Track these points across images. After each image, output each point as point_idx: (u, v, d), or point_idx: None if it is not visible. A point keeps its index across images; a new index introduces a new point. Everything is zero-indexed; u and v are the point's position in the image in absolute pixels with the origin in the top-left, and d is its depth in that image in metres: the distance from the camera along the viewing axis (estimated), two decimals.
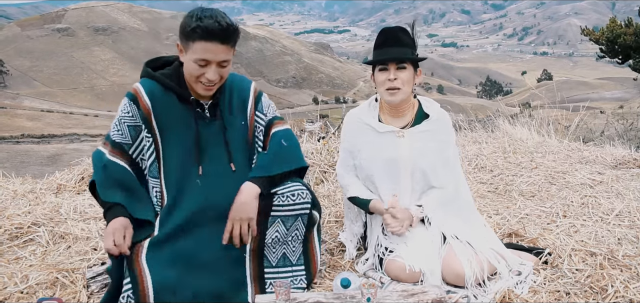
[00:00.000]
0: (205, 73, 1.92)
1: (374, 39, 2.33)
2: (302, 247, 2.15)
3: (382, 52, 2.25)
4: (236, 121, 2.11)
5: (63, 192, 3.61)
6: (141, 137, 2.03)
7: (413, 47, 2.27)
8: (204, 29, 1.84)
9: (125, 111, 2.02)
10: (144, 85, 2.03)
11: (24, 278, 2.33)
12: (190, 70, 1.94)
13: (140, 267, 1.89)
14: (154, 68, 2.09)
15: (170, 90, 2.02)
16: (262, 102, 2.19)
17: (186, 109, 2.04)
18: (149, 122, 2.02)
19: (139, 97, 2.01)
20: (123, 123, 2.02)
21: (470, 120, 6.49)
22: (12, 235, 2.84)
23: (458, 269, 2.14)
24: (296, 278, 2.14)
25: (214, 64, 1.91)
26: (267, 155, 2.12)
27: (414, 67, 2.28)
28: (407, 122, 2.35)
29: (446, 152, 2.34)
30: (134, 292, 1.88)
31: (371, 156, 2.34)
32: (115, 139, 2.03)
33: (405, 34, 2.26)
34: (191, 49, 1.89)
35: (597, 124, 8.02)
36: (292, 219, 2.08)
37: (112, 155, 2.02)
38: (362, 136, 2.37)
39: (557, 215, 2.96)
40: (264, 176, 2.03)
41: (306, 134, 4.42)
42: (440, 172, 2.32)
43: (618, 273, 2.22)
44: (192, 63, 1.91)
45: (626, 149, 4.60)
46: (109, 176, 2.01)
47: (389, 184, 2.33)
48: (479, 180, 3.70)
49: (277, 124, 2.20)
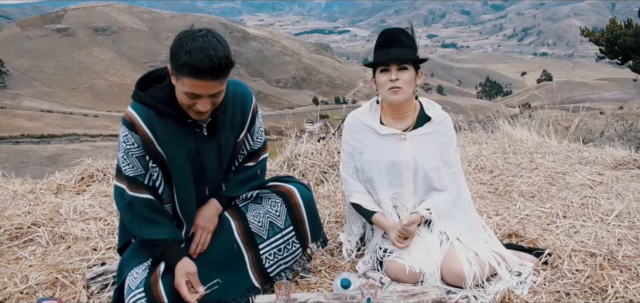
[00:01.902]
0: (196, 104, 1.82)
1: (375, 40, 2.33)
2: (286, 209, 2.16)
3: (383, 53, 2.24)
4: (231, 137, 2.10)
5: (63, 192, 3.60)
6: (149, 166, 1.96)
7: (413, 48, 2.27)
8: (193, 67, 1.71)
9: (129, 143, 1.91)
10: (139, 113, 1.90)
11: (24, 279, 2.33)
12: (181, 100, 1.84)
13: (159, 292, 1.90)
14: (147, 83, 1.97)
15: (166, 115, 1.92)
16: (255, 125, 2.18)
17: (185, 131, 1.96)
18: (152, 151, 1.93)
19: (136, 126, 1.90)
20: (131, 155, 1.92)
21: (470, 120, 6.49)
22: (12, 235, 2.84)
23: (458, 269, 2.14)
24: (289, 243, 2.17)
25: (205, 97, 1.81)
26: (239, 177, 2.18)
27: (415, 68, 2.28)
28: (409, 125, 2.34)
29: (448, 154, 2.34)
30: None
31: (372, 159, 2.33)
32: (128, 173, 1.94)
33: (405, 35, 2.26)
34: (180, 82, 1.78)
35: (597, 125, 8.02)
36: (269, 202, 2.18)
37: (132, 190, 1.95)
38: (364, 138, 2.36)
39: (557, 216, 2.96)
40: (230, 196, 2.16)
41: (306, 134, 4.42)
42: (443, 174, 2.32)
43: (618, 274, 2.22)
44: (182, 93, 1.81)
45: (626, 150, 4.60)
46: (137, 212, 1.96)
47: (390, 187, 2.33)
48: (479, 180, 3.70)
49: (263, 151, 2.25)
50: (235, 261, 2.09)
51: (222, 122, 2.03)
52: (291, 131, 4.40)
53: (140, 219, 1.95)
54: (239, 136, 2.13)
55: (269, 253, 2.13)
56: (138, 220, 1.96)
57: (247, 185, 2.20)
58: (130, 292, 1.89)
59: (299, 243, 2.18)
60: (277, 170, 3.90)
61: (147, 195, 1.95)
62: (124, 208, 1.97)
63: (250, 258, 2.11)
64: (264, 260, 2.12)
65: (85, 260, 2.53)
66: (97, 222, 3.01)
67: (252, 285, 2.10)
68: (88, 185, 3.74)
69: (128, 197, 1.94)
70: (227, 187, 2.15)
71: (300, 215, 2.16)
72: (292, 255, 2.18)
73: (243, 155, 2.21)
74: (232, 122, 2.07)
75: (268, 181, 2.29)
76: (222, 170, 2.12)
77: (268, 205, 2.16)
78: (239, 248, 2.10)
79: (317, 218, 2.23)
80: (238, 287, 2.07)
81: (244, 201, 2.19)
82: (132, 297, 1.88)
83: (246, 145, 2.19)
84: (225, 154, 2.10)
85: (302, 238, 2.18)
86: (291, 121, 4.63)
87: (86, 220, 3.05)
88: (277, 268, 2.16)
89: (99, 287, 2.25)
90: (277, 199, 2.15)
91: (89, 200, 3.35)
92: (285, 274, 2.21)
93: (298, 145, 4.12)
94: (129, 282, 1.93)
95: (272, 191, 2.17)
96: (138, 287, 1.90)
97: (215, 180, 2.12)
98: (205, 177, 2.06)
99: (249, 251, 2.12)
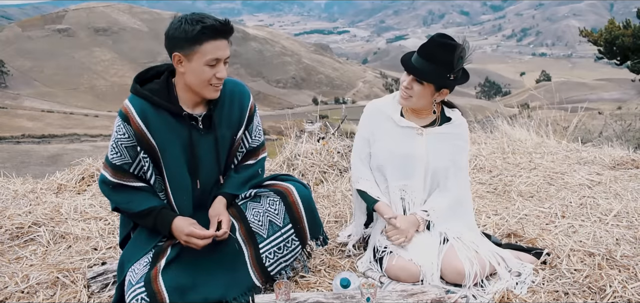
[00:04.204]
0: (216, 73, 1.92)
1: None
2: (284, 207, 2.17)
3: (410, 58, 2.25)
4: (227, 133, 2.13)
5: (63, 192, 3.61)
6: (139, 157, 2.01)
7: (448, 68, 2.15)
8: (212, 28, 1.86)
9: (120, 133, 1.97)
10: (134, 105, 1.97)
11: (25, 278, 2.34)
12: (200, 75, 1.91)
13: (159, 287, 1.91)
14: (145, 79, 2.04)
15: (161, 107, 1.98)
16: (253, 123, 2.22)
17: (180, 124, 2.01)
18: (144, 143, 1.98)
19: (130, 118, 1.96)
20: (120, 145, 1.98)
21: (469, 120, 6.49)
22: (12, 234, 2.85)
23: (458, 267, 2.15)
24: (288, 241, 2.18)
25: (222, 61, 1.93)
26: (241, 176, 2.21)
27: (438, 86, 2.25)
28: (428, 122, 2.36)
29: (460, 157, 2.37)
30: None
31: (387, 148, 2.35)
32: (115, 162, 2.00)
33: (445, 51, 2.14)
34: (200, 52, 1.87)
35: (595, 125, 8.02)
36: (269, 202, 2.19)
37: (115, 177, 2.01)
38: (382, 126, 2.38)
39: (556, 216, 2.97)
40: (233, 194, 2.18)
41: (306, 134, 4.43)
42: (451, 175, 2.34)
43: (616, 274, 2.24)
44: (202, 67, 1.89)
45: (624, 150, 4.60)
46: (123, 193, 2.04)
47: (400, 179, 2.35)
48: (478, 180, 3.71)
49: (262, 150, 2.28)
50: (237, 260, 2.11)
51: (219, 117, 2.07)
52: (291, 131, 4.41)
53: (124, 195, 2.03)
54: (237, 133, 2.16)
55: (269, 252, 2.14)
56: (123, 197, 2.03)
57: (248, 184, 2.22)
58: (131, 286, 1.91)
59: (299, 241, 2.20)
60: (276, 170, 3.91)
61: (131, 182, 2.03)
62: (107, 192, 2.06)
63: (251, 257, 2.13)
64: (264, 259, 2.13)
65: (85, 259, 2.54)
66: (97, 221, 3.02)
67: (253, 284, 2.11)
68: (89, 184, 3.75)
69: (111, 182, 2.02)
70: (229, 185, 2.17)
71: (298, 213, 2.17)
72: (292, 252, 2.20)
73: (242, 153, 2.23)
74: (229, 118, 2.11)
75: (266, 179, 2.31)
76: (219, 166, 2.14)
77: (267, 204, 2.17)
78: (240, 248, 2.12)
79: (316, 216, 2.25)
80: (239, 286, 2.08)
81: (242, 200, 2.21)
82: (132, 292, 1.90)
83: (244, 142, 2.22)
84: (222, 150, 2.12)
85: (301, 236, 2.20)
86: (291, 121, 4.63)
87: (87, 219, 3.06)
88: (277, 267, 2.17)
89: (99, 287, 2.26)
90: (275, 198, 2.17)
91: (90, 200, 3.36)
92: (285, 272, 2.22)
93: (298, 145, 4.13)
94: (129, 277, 1.95)
95: (270, 189, 2.19)
96: (138, 282, 1.92)
97: (209, 175, 2.13)
98: (199, 170, 2.08)
99: (249, 250, 2.13)
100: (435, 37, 2.21)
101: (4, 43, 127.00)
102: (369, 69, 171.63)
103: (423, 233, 2.31)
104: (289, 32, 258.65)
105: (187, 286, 1.97)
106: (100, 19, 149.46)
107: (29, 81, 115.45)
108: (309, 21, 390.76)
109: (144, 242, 2.05)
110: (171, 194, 2.07)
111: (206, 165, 2.10)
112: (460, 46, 2.15)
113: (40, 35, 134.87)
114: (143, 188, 2.04)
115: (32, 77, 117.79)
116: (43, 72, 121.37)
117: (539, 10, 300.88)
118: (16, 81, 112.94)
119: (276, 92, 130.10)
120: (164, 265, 1.96)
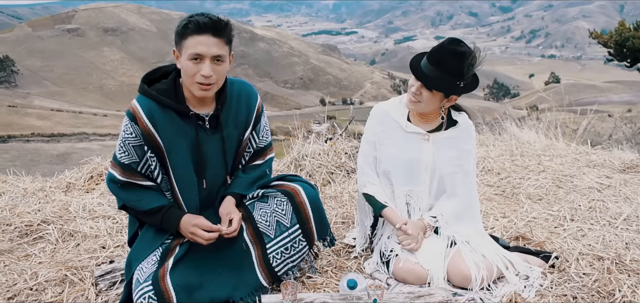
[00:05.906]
0: (200, 70, 1.91)
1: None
2: (291, 207, 2.17)
3: (419, 63, 2.22)
4: (234, 133, 2.14)
5: (72, 191, 3.64)
6: (146, 157, 2.03)
7: (458, 76, 2.13)
8: (196, 22, 1.88)
9: (128, 132, 1.99)
10: (142, 105, 1.99)
11: (34, 276, 2.37)
12: (186, 70, 1.93)
13: (166, 286, 1.92)
14: (153, 80, 2.07)
15: (168, 107, 2.00)
16: (260, 123, 2.23)
17: (186, 124, 2.03)
18: (151, 142, 2.00)
19: (138, 118, 1.98)
20: (128, 144, 2.00)
21: (477, 122, 6.47)
22: (22, 232, 2.88)
23: (465, 271, 2.14)
24: (295, 241, 2.18)
25: (208, 59, 1.90)
26: (249, 176, 2.22)
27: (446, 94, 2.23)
28: (435, 127, 2.34)
29: (467, 162, 2.35)
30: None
31: (393, 153, 2.34)
32: (123, 161, 2.03)
33: (455, 59, 2.11)
34: (185, 47, 1.91)
35: (605, 128, 7.96)
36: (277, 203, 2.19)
37: (125, 176, 2.03)
38: (388, 131, 2.36)
39: (565, 219, 2.94)
40: (242, 194, 2.19)
41: (313, 135, 4.43)
42: (458, 180, 2.33)
43: (625, 278, 2.22)
44: (187, 62, 1.91)
45: (634, 153, 4.56)
46: (132, 191, 2.06)
47: (406, 184, 2.34)
48: (486, 183, 3.69)
49: (269, 151, 2.29)
50: (244, 261, 2.11)
51: (226, 117, 2.09)
52: (298, 132, 4.42)
53: (133, 194, 2.05)
54: (244, 134, 2.17)
55: (276, 252, 2.15)
56: (132, 195, 2.05)
57: (256, 184, 2.23)
58: (139, 285, 1.93)
59: (306, 242, 2.20)
60: (284, 170, 3.91)
61: (140, 180, 2.04)
62: (116, 191, 2.07)
63: (258, 257, 2.13)
64: (271, 259, 2.14)
65: (93, 257, 2.56)
66: (105, 220, 3.04)
67: (260, 284, 2.12)
68: (97, 183, 3.77)
69: (120, 181, 2.03)
70: (237, 185, 2.18)
71: (306, 214, 2.17)
72: (299, 253, 2.20)
73: (249, 154, 2.24)
74: (236, 118, 2.12)
75: (273, 180, 2.31)
76: (226, 166, 2.15)
77: (274, 204, 2.18)
78: (247, 248, 2.12)
79: (324, 217, 2.25)
80: (246, 286, 2.08)
81: (250, 200, 2.21)
82: (139, 290, 1.91)
83: (252, 143, 2.23)
84: (229, 150, 2.13)
85: (308, 237, 2.20)
86: (298, 122, 4.64)
87: (95, 218, 3.08)
88: (284, 267, 2.17)
89: (107, 285, 2.28)
90: (282, 198, 2.17)
91: (98, 199, 3.38)
92: (292, 273, 2.22)
93: (305, 145, 4.13)
94: (137, 275, 1.96)
95: (277, 190, 2.19)
96: (146, 280, 1.93)
97: (216, 175, 2.14)
98: (205, 170, 2.09)
99: (257, 250, 2.13)
100: (446, 43, 2.16)
101: (15, 42, 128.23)
102: (376, 69, 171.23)
103: (430, 236, 2.31)
104: (297, 32, 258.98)
105: (195, 285, 1.97)
106: (109, 19, 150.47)
107: (38, 80, 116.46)
108: (317, 22, 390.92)
109: (151, 241, 2.06)
110: (178, 193, 2.08)
111: (213, 165, 2.11)
112: (470, 54, 2.11)
113: (50, 35, 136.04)
114: (151, 187, 2.06)
115: (42, 76, 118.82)
116: (53, 71, 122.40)
117: (548, 12, 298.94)
118: (26, 80, 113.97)
119: (284, 93, 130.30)
120: (172, 264, 1.97)
